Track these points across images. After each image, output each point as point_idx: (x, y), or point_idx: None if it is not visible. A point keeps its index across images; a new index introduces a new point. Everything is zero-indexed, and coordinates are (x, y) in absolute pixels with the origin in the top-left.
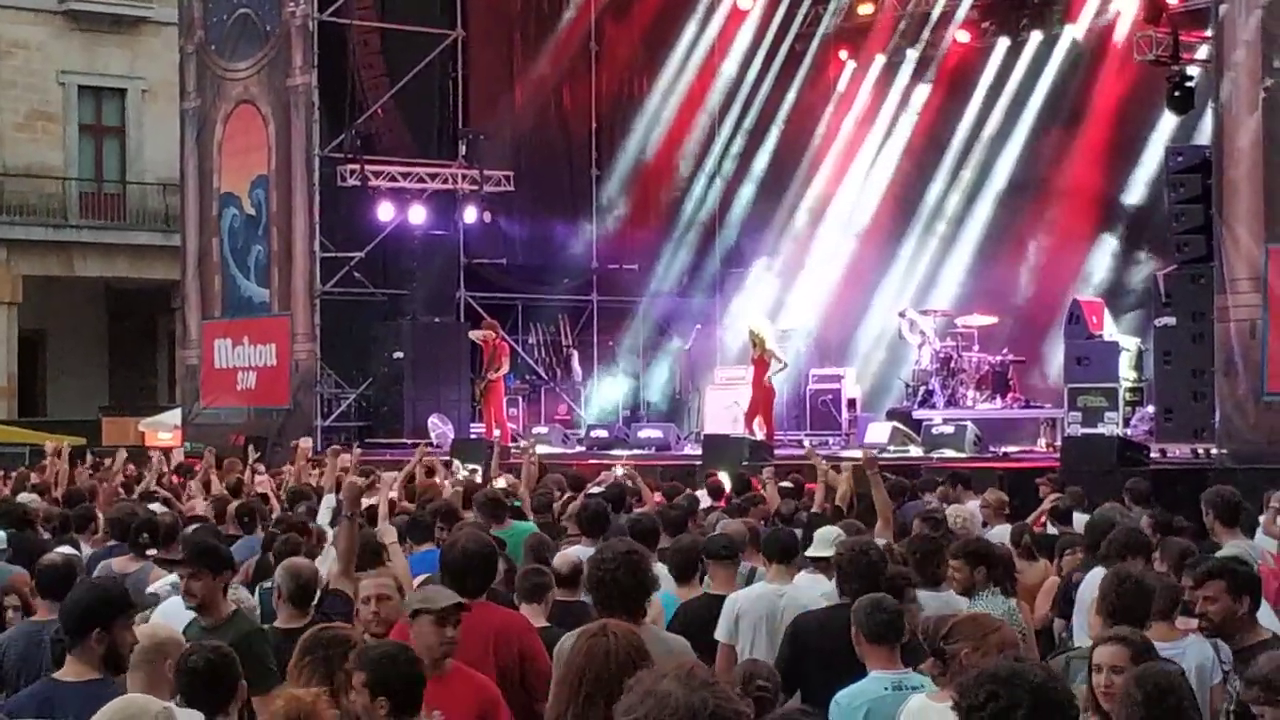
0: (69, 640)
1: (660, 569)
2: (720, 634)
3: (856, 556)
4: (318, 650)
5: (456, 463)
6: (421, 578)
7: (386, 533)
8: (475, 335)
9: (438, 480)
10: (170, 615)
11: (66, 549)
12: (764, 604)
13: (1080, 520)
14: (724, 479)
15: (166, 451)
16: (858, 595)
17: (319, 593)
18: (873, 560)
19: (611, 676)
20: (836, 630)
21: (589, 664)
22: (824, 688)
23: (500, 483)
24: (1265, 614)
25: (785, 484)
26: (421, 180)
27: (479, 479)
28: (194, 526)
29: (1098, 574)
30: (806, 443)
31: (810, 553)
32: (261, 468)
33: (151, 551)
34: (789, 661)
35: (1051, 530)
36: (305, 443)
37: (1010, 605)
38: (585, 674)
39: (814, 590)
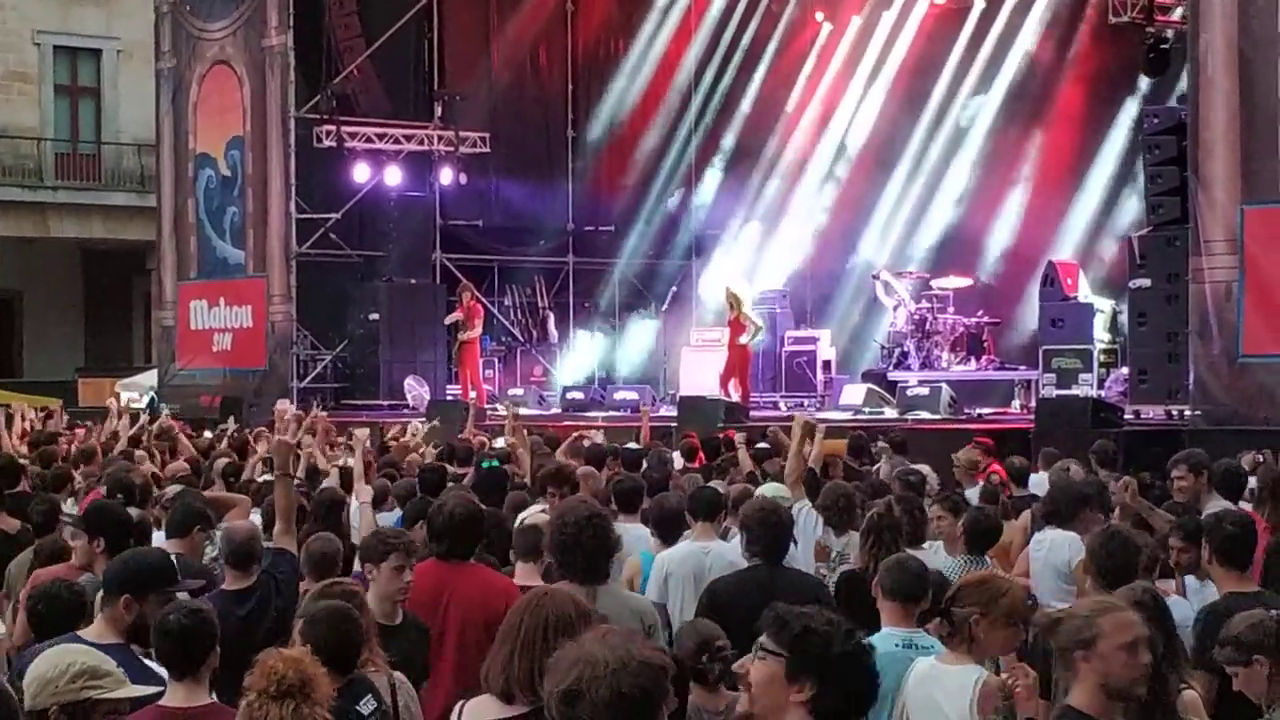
0: (103, 599)
1: (642, 530)
2: (650, 594)
3: (765, 516)
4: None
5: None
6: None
7: (362, 492)
8: (451, 319)
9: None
10: None
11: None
12: (691, 562)
13: (1036, 482)
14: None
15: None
16: (764, 556)
17: (264, 552)
18: (778, 520)
19: (543, 638)
20: (753, 591)
21: (527, 622)
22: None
23: (499, 442)
24: None
25: (762, 445)
26: (397, 141)
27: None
28: (175, 488)
29: (1045, 534)
30: (783, 405)
31: None
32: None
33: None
34: None
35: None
36: (283, 404)
37: (988, 563)
38: (518, 632)
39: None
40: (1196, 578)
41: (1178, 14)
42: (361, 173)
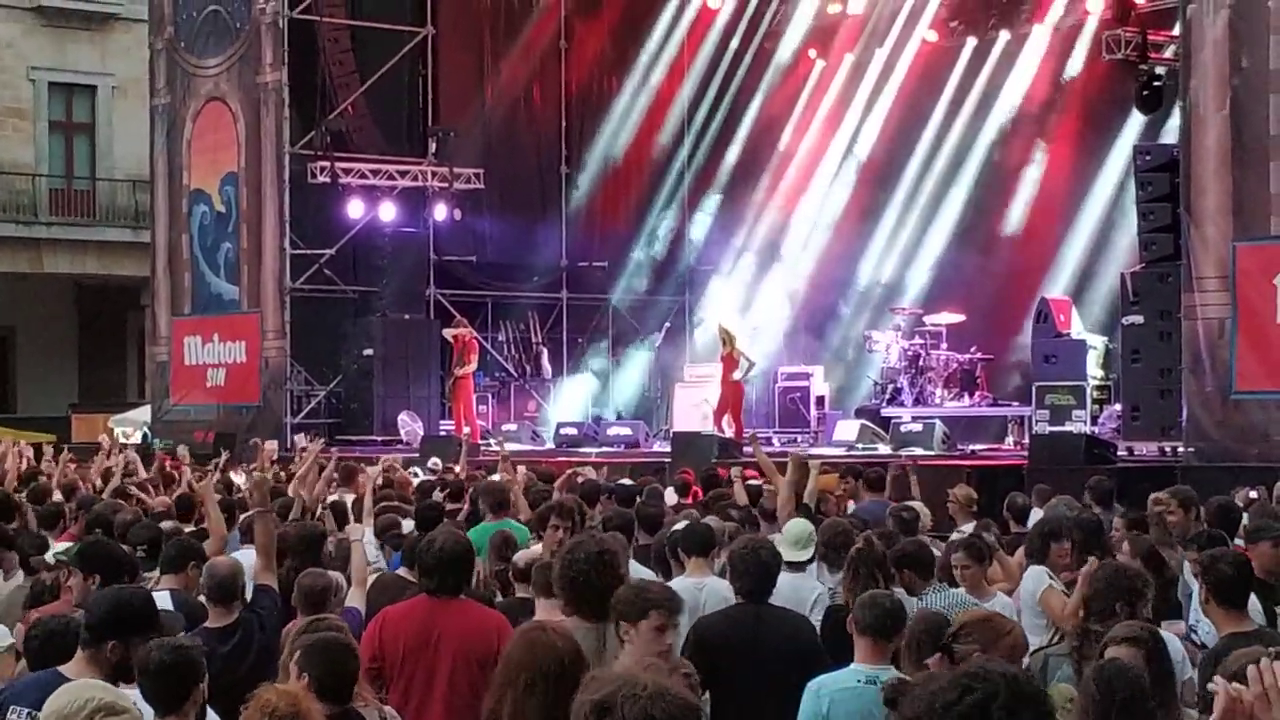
0: (86, 637)
1: (639, 567)
2: None
3: (750, 554)
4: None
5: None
6: (374, 575)
7: (353, 530)
8: (449, 333)
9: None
10: None
11: None
12: (686, 597)
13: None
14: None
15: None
16: (750, 594)
17: (247, 588)
18: (764, 559)
19: (550, 671)
20: (740, 630)
21: (526, 658)
22: (736, 687)
23: (495, 477)
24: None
25: (753, 482)
26: (391, 177)
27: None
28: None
29: (1028, 571)
30: (776, 441)
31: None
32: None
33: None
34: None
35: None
36: (271, 445)
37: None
38: (525, 668)
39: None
40: None
41: (1170, 51)
42: (356, 209)
